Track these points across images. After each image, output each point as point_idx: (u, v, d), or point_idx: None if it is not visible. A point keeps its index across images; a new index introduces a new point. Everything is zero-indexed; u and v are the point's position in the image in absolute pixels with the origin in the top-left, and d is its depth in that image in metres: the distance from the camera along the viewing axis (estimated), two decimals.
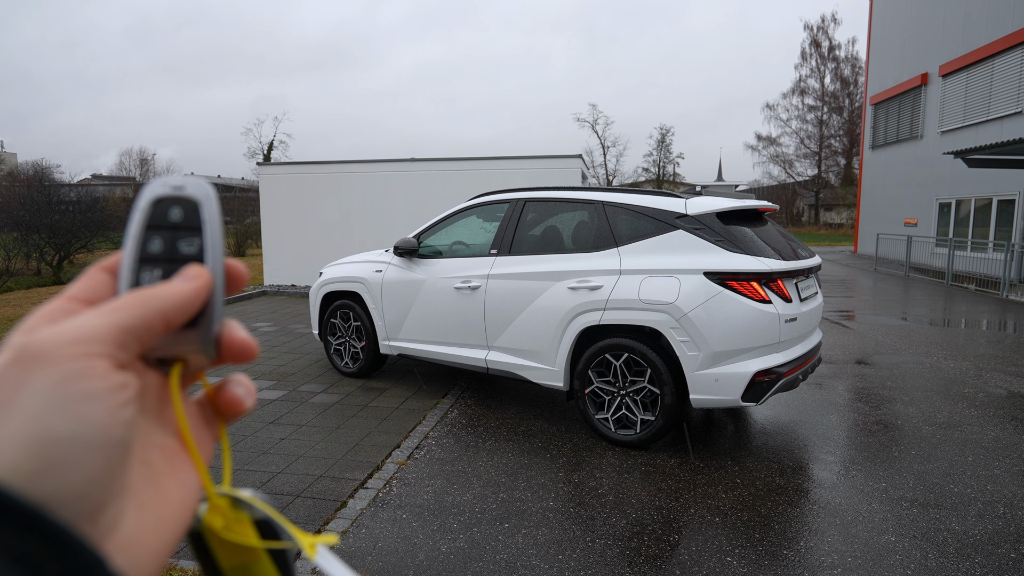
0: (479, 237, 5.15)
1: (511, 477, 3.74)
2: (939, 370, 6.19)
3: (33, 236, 19.45)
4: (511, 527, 3.16)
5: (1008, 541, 3.00)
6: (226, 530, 0.34)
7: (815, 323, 4.40)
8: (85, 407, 0.27)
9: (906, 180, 18.58)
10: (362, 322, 5.61)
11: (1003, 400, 5.22)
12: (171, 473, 0.33)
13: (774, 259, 3.91)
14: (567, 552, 2.93)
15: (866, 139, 21.80)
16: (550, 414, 4.87)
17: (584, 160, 11.00)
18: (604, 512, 3.31)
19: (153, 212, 0.35)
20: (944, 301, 11.18)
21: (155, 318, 0.31)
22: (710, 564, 2.83)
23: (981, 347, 7.27)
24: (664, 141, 57.95)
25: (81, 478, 0.27)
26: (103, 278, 0.34)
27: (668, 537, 3.06)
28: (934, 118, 17.11)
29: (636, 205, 4.29)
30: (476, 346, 4.86)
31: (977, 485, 3.61)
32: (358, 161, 11.31)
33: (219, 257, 0.35)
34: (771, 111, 53.69)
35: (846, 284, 13.54)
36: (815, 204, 47.76)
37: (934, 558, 2.85)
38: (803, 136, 47.27)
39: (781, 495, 3.50)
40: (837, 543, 2.99)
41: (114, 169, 59.89)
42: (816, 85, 46.66)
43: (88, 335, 0.29)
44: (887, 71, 20.05)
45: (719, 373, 3.78)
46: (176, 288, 0.33)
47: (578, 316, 4.22)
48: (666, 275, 3.95)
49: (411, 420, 4.73)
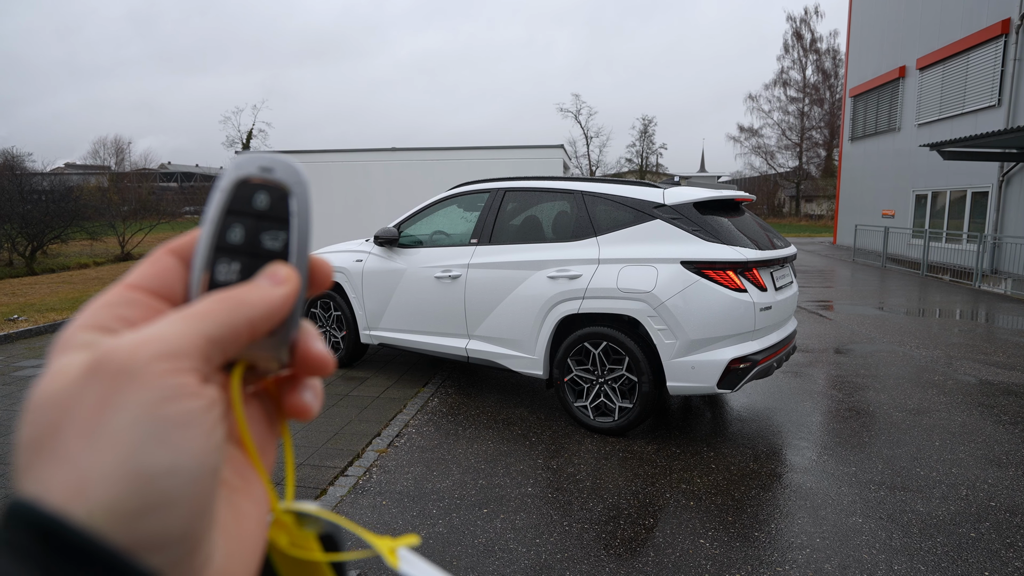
0: (460, 227, 5.16)
1: (490, 464, 3.78)
2: (911, 358, 6.34)
3: (4, 226, 19.04)
4: (490, 512, 3.20)
5: (968, 521, 3.10)
6: (292, 546, 0.32)
7: (790, 312, 4.48)
8: (182, 434, 0.24)
9: (884, 172, 18.87)
10: (343, 312, 5.61)
11: (971, 387, 5.36)
12: (244, 489, 0.29)
13: (750, 248, 3.97)
14: (544, 536, 2.98)
15: (845, 131, 22.08)
16: (530, 402, 4.92)
17: (566, 150, 11.02)
18: (581, 497, 3.36)
19: (236, 195, 0.31)
20: (919, 292, 11.42)
21: (242, 327, 0.28)
22: (683, 546, 2.89)
23: (953, 336, 7.45)
24: (647, 132, 58.19)
25: (183, 517, 0.24)
26: (171, 264, 0.30)
27: (643, 521, 3.12)
28: (911, 111, 17.37)
29: (615, 195, 4.32)
30: (456, 335, 4.88)
31: (942, 468, 3.72)
32: (339, 151, 11.23)
33: (305, 254, 0.31)
34: (753, 102, 54.13)
35: (824, 275, 13.75)
36: (796, 195, 48.28)
37: (898, 538, 2.95)
38: (784, 128, 47.72)
39: (754, 480, 3.58)
40: (807, 525, 3.08)
41: (88, 158, 58.54)
42: (798, 77, 47.07)
43: (177, 348, 0.25)
44: (866, 64, 20.28)
45: (695, 361, 3.84)
46: (265, 294, 0.29)
47: (557, 305, 4.26)
48: (644, 264, 4.00)
49: (392, 409, 4.75)
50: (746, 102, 65.37)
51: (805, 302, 9.85)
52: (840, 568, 2.72)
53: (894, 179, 18.17)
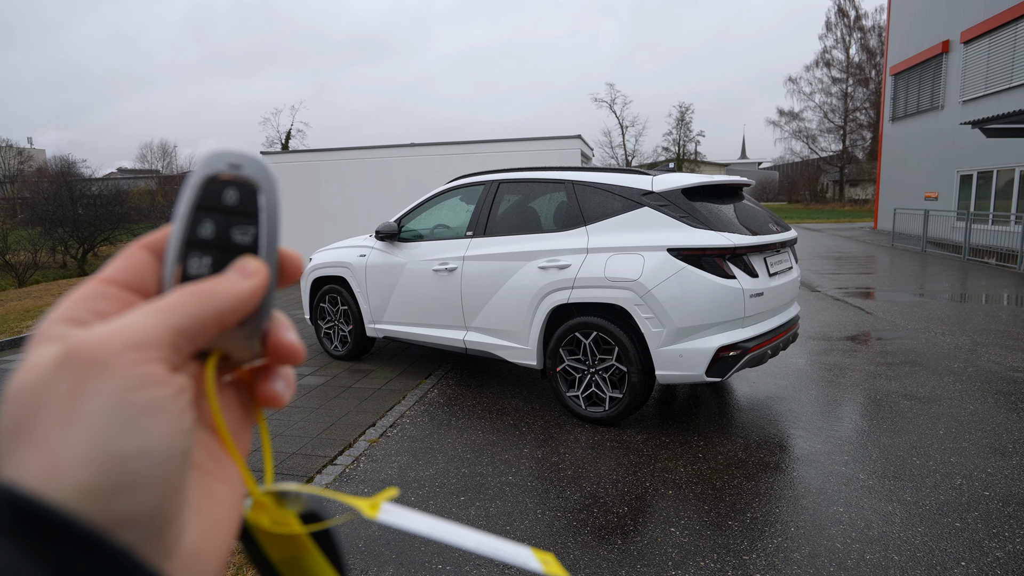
0: (458, 219, 5.17)
1: (476, 453, 3.83)
2: (934, 345, 6.10)
3: (57, 230, 20.09)
4: (466, 500, 3.26)
5: (956, 511, 2.99)
6: (274, 524, 0.33)
7: (789, 297, 4.38)
8: (150, 419, 0.25)
9: (927, 153, 18.05)
10: (349, 306, 5.73)
11: (992, 375, 5.13)
12: (218, 472, 0.31)
13: (739, 234, 3.88)
14: (515, 524, 3.02)
15: (886, 111, 21.19)
16: (527, 393, 4.95)
17: (584, 140, 10.94)
18: (560, 486, 3.38)
19: (206, 192, 0.32)
20: (957, 276, 10.92)
21: (211, 319, 0.29)
22: (653, 534, 2.89)
23: (984, 322, 7.12)
24: (683, 119, 57.02)
25: (152, 496, 0.25)
26: (145, 259, 0.32)
27: (617, 509, 3.13)
28: (955, 87, 16.55)
29: (603, 183, 4.28)
30: (455, 327, 4.93)
31: (941, 458, 3.59)
32: (359, 148, 11.42)
33: (275, 248, 0.33)
34: (794, 85, 52.38)
35: (858, 261, 13.28)
36: (840, 180, 46.62)
37: (877, 527, 2.87)
38: (827, 110, 46.07)
39: (740, 469, 3.53)
40: (783, 514, 3.02)
41: (136, 162, 61.10)
42: (841, 56, 45.39)
43: (145, 339, 0.26)
44: (908, 40, 19.40)
45: (683, 349, 3.79)
46: (234, 286, 0.30)
47: (548, 295, 4.26)
48: (631, 252, 3.96)
49: (391, 400, 4.85)
50: (786, 85, 63.33)
51: (832, 289, 9.56)
52: (809, 556, 2.67)
53: (937, 160, 17.36)
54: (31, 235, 19.64)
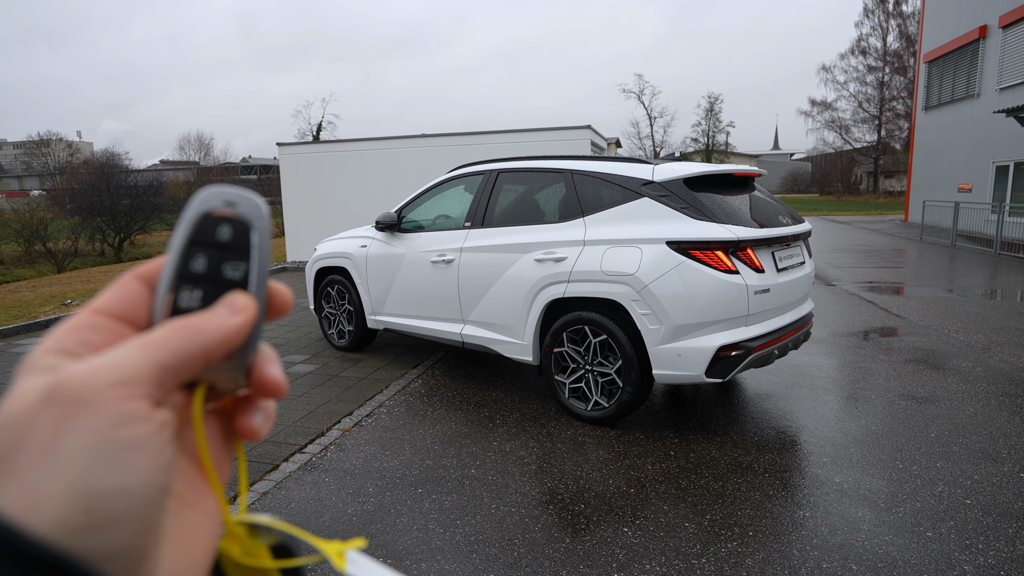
0: (458, 210, 5.04)
1: (444, 445, 3.79)
2: (945, 343, 5.84)
3: (96, 219, 20.74)
4: (423, 492, 3.22)
5: (930, 520, 2.84)
6: (244, 556, 0.33)
7: (800, 294, 4.14)
8: (131, 457, 0.26)
9: (961, 143, 17.31)
10: (350, 297, 5.70)
11: (1000, 375, 4.88)
12: (196, 503, 0.31)
13: (744, 227, 3.67)
14: (467, 517, 2.96)
15: (919, 100, 20.37)
16: (509, 385, 4.88)
17: (595, 130, 10.76)
18: (520, 480, 3.32)
19: (200, 227, 0.33)
20: (984, 271, 10.46)
21: (196, 355, 0.29)
22: (603, 534, 2.80)
23: (1003, 319, 6.79)
24: (713, 110, 55.96)
25: (129, 532, 0.26)
26: (137, 289, 0.32)
27: (574, 506, 3.05)
28: (992, 74, 15.80)
29: (603, 173, 4.11)
30: (452, 320, 4.82)
31: (926, 462, 3.42)
32: (371, 139, 11.45)
33: (264, 284, 0.33)
34: (827, 73, 50.85)
35: (881, 254, 12.83)
36: (874, 171, 45.19)
37: (841, 535, 2.74)
38: (861, 99, 44.62)
39: (710, 468, 3.42)
40: (744, 517, 2.91)
41: (175, 154, 62.67)
42: (878, 44, 43.86)
43: (129, 376, 0.27)
44: (943, 25, 18.59)
45: (682, 348, 3.60)
46: (222, 323, 0.31)
47: (544, 289, 4.12)
48: (628, 245, 3.78)
49: (373, 389, 4.84)
50: (819, 73, 61.51)
51: (849, 283, 9.25)
52: (761, 563, 2.56)
53: (972, 150, 16.63)
54: (71, 224, 20.33)
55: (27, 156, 57.31)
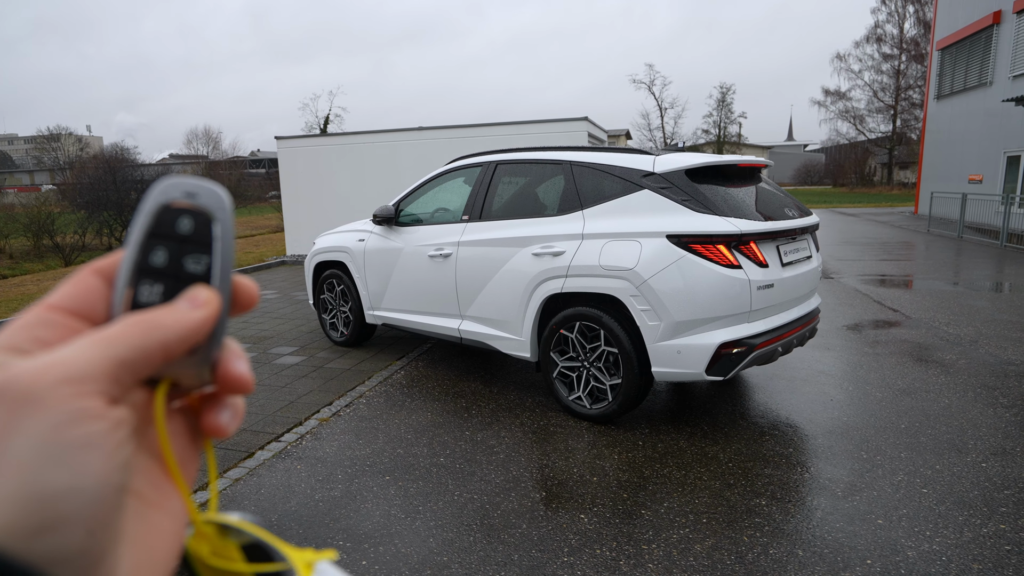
0: (456, 202, 4.93)
1: (417, 435, 3.86)
2: (934, 335, 5.81)
3: (102, 213, 21.07)
4: (390, 480, 3.29)
5: (884, 508, 2.86)
6: (213, 556, 0.32)
7: (807, 289, 4.02)
8: (83, 456, 0.25)
9: (973, 133, 17.03)
10: (348, 292, 5.64)
11: (983, 367, 4.86)
12: (160, 503, 0.30)
13: (748, 219, 3.56)
14: (429, 504, 3.04)
15: (931, 89, 20.06)
16: (490, 377, 4.95)
17: (592, 121, 10.74)
18: (486, 469, 3.38)
19: (160, 219, 0.32)
20: (987, 264, 10.33)
21: (155, 350, 0.28)
22: (560, 520, 2.86)
23: (996, 312, 6.73)
24: (725, 100, 55.39)
25: (82, 533, 0.25)
26: (95, 284, 0.31)
27: (535, 493, 3.11)
28: (1005, 62, 15.51)
29: (602, 164, 4.00)
30: (450, 315, 4.74)
31: (891, 452, 3.43)
32: (368, 132, 11.52)
33: (228, 277, 0.32)
34: (842, 62, 50.10)
35: (886, 247, 12.71)
36: (888, 162, 44.53)
37: (794, 523, 2.77)
38: (876, 88, 43.93)
39: (675, 458, 3.46)
40: (700, 505, 2.95)
41: (183, 148, 63.22)
42: (894, 31, 43.10)
43: (82, 372, 0.26)
44: (957, 11, 18.25)
45: (681, 344, 3.50)
46: (182, 317, 0.30)
47: (542, 284, 4.03)
48: (627, 239, 3.68)
49: (356, 380, 4.93)
50: (833, 62, 60.59)
51: (849, 276, 9.19)
52: (710, 549, 2.60)
53: (984, 140, 16.37)
54: (78, 218, 20.69)
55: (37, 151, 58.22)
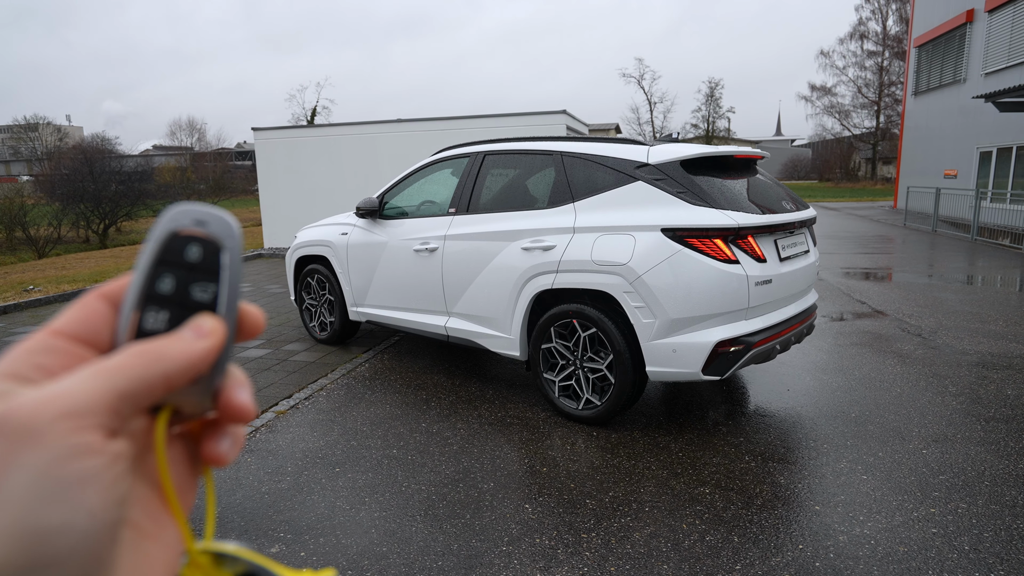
0: (443, 194, 4.77)
1: (373, 427, 3.87)
2: (894, 327, 5.90)
3: (79, 206, 20.75)
4: (340, 471, 3.30)
5: (822, 496, 2.91)
6: None
7: (805, 284, 3.93)
8: (80, 492, 0.25)
9: (948, 129, 17.25)
10: (332, 288, 5.45)
11: (938, 357, 4.94)
12: (155, 533, 0.30)
13: (745, 213, 3.44)
14: (376, 495, 3.05)
15: (909, 85, 20.28)
16: (454, 369, 4.96)
17: (570, 114, 10.75)
18: (438, 460, 3.40)
19: (169, 246, 0.32)
20: (957, 257, 10.49)
21: (157, 382, 0.28)
22: (504, 510, 2.89)
23: (959, 303, 6.84)
24: (713, 95, 55.63)
25: (75, 571, 0.25)
26: (101, 309, 0.31)
27: (483, 484, 3.13)
28: (978, 59, 15.71)
29: (594, 155, 3.85)
30: (436, 312, 4.59)
31: (838, 441, 3.49)
32: (347, 124, 11.47)
33: (235, 306, 0.32)
34: (826, 58, 50.48)
35: (861, 241, 12.86)
36: (872, 157, 44.99)
37: (734, 510, 2.82)
38: (860, 84, 44.32)
39: (627, 448, 3.49)
40: (644, 494, 2.99)
41: (166, 139, 62.43)
42: (877, 28, 43.46)
43: (82, 406, 0.26)
44: (933, 9, 18.45)
45: (677, 343, 3.38)
46: (186, 348, 0.30)
47: (532, 279, 3.89)
48: (621, 233, 3.55)
49: (318, 373, 4.92)
50: (818, 59, 61.05)
51: (822, 269, 9.28)
52: (649, 536, 2.64)
53: (958, 136, 16.59)
54: (53, 210, 20.37)
55: (14, 140, 57.19)
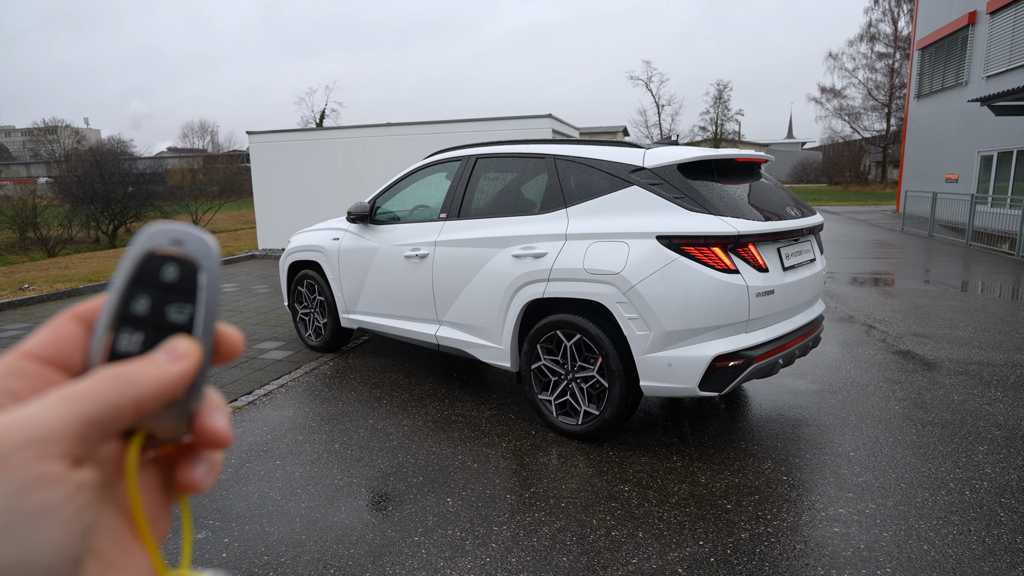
0: (435, 199, 4.68)
1: (322, 423, 3.97)
2: (861, 331, 5.91)
3: (90, 207, 21.20)
4: (279, 464, 3.41)
5: (728, 499, 2.97)
6: None
7: (811, 295, 3.73)
8: (39, 525, 0.24)
9: (950, 132, 17.10)
10: (323, 294, 5.38)
11: (896, 363, 4.96)
12: (122, 563, 0.28)
13: (746, 219, 3.26)
14: (308, 487, 3.15)
15: (912, 88, 20.13)
16: (414, 369, 5.06)
17: (556, 118, 10.83)
18: (376, 455, 3.50)
19: (144, 266, 0.31)
20: (948, 263, 10.42)
21: (127, 407, 0.27)
22: (426, 503, 2.98)
23: (935, 309, 6.83)
24: (721, 97, 55.38)
25: None
26: (73, 330, 0.30)
27: (412, 479, 3.22)
28: (980, 62, 15.57)
29: (588, 158, 3.72)
30: (427, 320, 4.47)
31: (769, 443, 3.54)
32: (338, 128, 11.65)
33: (211, 328, 0.32)
34: (835, 61, 50.09)
35: (855, 245, 12.80)
36: (882, 160, 44.54)
37: (648, 506, 2.88)
38: (871, 87, 43.91)
39: (561, 447, 3.57)
40: (565, 490, 3.06)
41: (178, 141, 63.34)
42: (888, 29, 43.05)
43: (46, 434, 0.25)
44: (936, 12, 18.32)
45: (672, 357, 3.21)
46: (159, 371, 0.29)
47: (522, 288, 3.76)
48: (614, 240, 3.41)
49: (282, 371, 5.04)
50: (826, 61, 60.57)
51: None
52: (557, 531, 2.71)
53: (960, 139, 16.44)
54: (64, 211, 20.83)
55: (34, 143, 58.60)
